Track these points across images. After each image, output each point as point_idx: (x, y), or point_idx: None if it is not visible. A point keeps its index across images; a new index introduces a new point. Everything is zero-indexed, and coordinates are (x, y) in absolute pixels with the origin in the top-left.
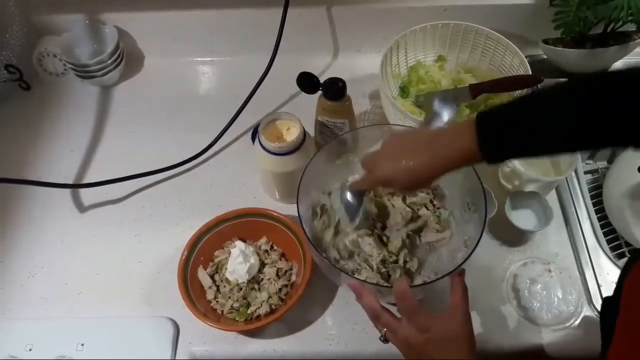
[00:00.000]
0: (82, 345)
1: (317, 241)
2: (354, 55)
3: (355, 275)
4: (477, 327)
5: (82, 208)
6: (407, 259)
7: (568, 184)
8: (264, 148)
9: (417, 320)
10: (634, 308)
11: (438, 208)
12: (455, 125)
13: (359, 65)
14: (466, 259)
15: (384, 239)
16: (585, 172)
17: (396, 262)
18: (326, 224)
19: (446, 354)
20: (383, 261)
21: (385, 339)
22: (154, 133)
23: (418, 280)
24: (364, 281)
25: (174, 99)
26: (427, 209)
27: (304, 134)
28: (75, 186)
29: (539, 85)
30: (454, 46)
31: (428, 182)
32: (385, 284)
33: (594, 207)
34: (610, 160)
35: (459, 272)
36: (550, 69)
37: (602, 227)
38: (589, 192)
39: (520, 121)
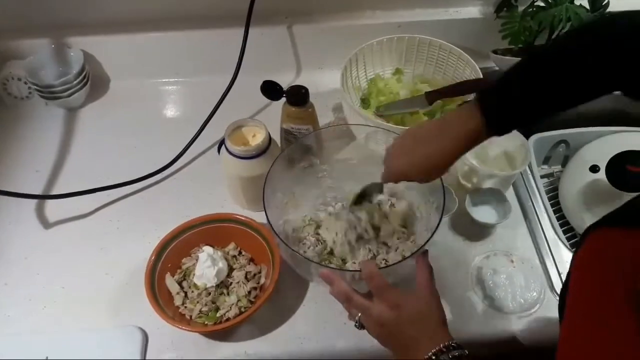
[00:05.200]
0: None
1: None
2: (316, 72)
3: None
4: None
5: (47, 224)
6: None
7: (525, 183)
8: (229, 152)
9: (387, 297)
10: (582, 285)
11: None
12: (458, 109)
13: (322, 82)
14: (428, 241)
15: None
16: (542, 177)
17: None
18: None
19: (418, 328)
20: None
21: (360, 325)
22: (120, 153)
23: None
24: (335, 268)
25: (140, 120)
26: None
27: (270, 138)
28: (41, 197)
29: None
30: (409, 59)
31: (443, 169)
32: (356, 269)
33: (552, 207)
34: (564, 164)
35: (422, 253)
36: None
37: (561, 225)
38: (547, 194)
39: (518, 91)
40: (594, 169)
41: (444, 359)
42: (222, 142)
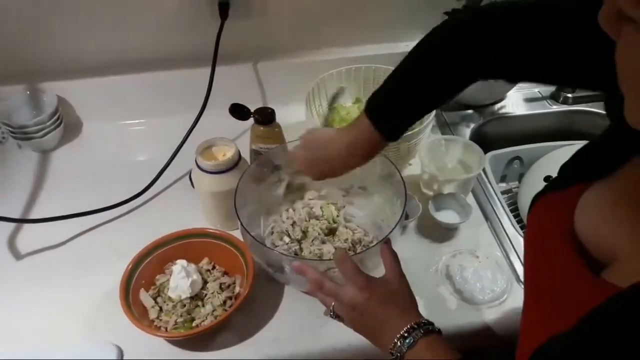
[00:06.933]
0: None
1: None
2: (282, 108)
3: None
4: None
5: (18, 255)
6: None
7: (485, 191)
8: (200, 169)
9: (358, 280)
10: (532, 244)
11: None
12: (352, 122)
13: (288, 116)
14: (391, 231)
15: None
16: (502, 193)
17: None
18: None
19: (389, 308)
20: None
21: (333, 314)
22: (94, 191)
23: None
24: (306, 258)
25: (113, 160)
26: None
27: (239, 154)
28: (15, 220)
29: None
30: (368, 88)
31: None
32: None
33: (514, 218)
34: (520, 180)
35: (385, 242)
36: (452, 103)
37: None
38: (508, 207)
39: (395, 96)
40: (548, 179)
41: (415, 335)
42: (192, 171)
